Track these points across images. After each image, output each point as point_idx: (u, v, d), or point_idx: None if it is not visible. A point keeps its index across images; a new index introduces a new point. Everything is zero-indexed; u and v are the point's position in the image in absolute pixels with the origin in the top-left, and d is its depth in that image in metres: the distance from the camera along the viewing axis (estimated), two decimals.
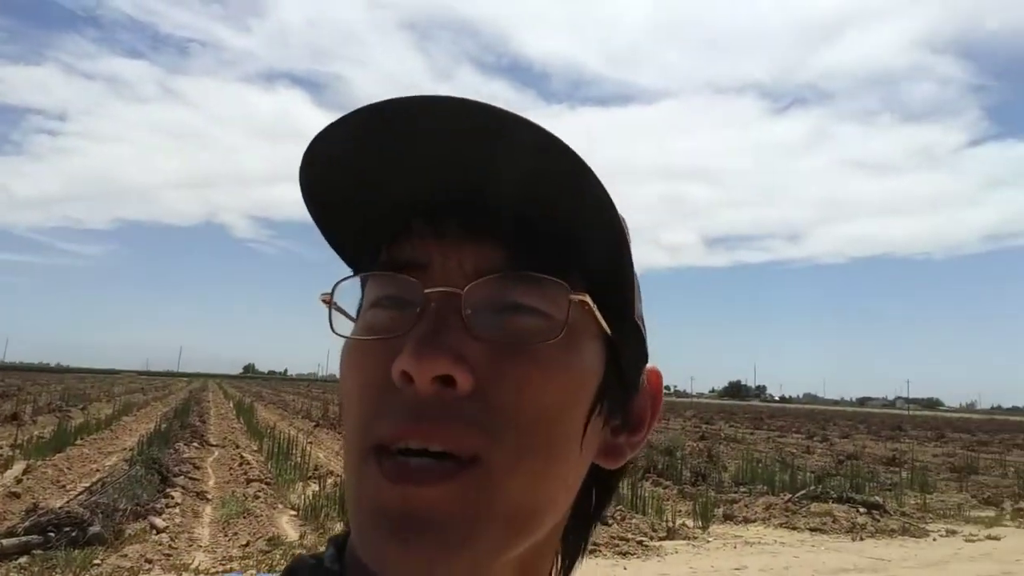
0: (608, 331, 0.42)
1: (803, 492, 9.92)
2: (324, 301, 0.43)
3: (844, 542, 7.88)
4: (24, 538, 5.76)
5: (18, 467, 10.00)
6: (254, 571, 5.59)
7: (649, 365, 0.49)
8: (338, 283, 0.43)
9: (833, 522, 8.62)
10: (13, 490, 8.34)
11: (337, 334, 0.42)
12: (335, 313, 0.43)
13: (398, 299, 0.40)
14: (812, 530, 8.35)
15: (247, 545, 6.36)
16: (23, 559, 5.54)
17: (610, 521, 7.82)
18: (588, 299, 0.40)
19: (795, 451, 18.36)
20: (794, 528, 8.44)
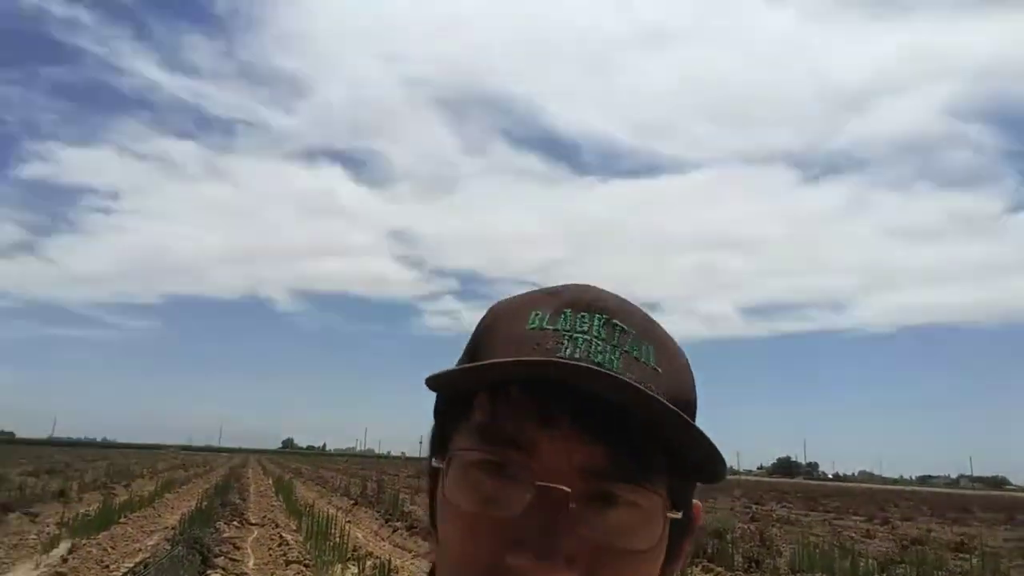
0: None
1: None
2: (436, 467, 0.49)
3: None
4: None
5: (64, 546, 10.07)
6: None
7: (695, 504, 0.54)
8: (461, 450, 0.47)
9: None
10: (59, 570, 8.38)
11: (450, 502, 0.47)
12: (447, 478, 0.47)
13: (504, 470, 0.45)
14: None
15: None
16: None
17: None
18: (678, 515, 0.47)
19: (854, 535, 17.36)
20: None
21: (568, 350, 0.46)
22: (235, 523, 12.77)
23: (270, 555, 10.05)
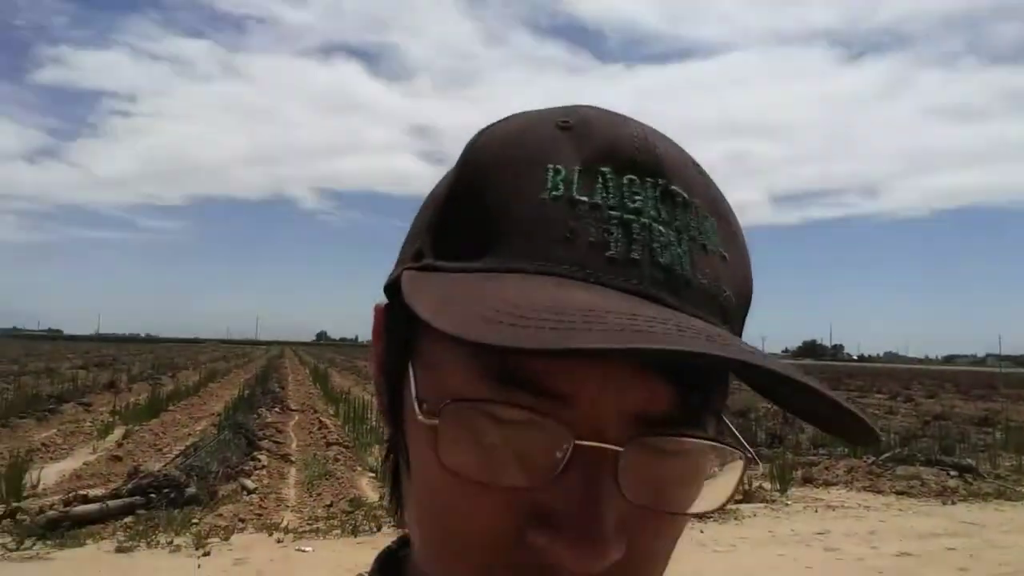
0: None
1: (888, 454, 9.57)
2: (431, 426, 0.32)
3: (934, 506, 7.58)
4: (128, 499, 6.16)
5: (118, 432, 10.69)
6: (339, 532, 5.81)
7: None
8: (446, 405, 0.31)
9: (921, 485, 8.29)
10: (115, 454, 8.93)
11: (449, 469, 0.31)
12: (445, 438, 0.31)
13: (529, 425, 0.31)
14: (898, 493, 8.06)
15: (331, 506, 6.62)
16: (128, 519, 5.93)
17: None
18: (747, 458, 0.34)
19: (877, 412, 17.72)
20: (879, 491, 8.16)
21: (622, 248, 0.32)
22: (276, 409, 13.40)
23: (311, 438, 10.58)
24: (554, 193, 0.33)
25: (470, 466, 0.31)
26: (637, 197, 0.33)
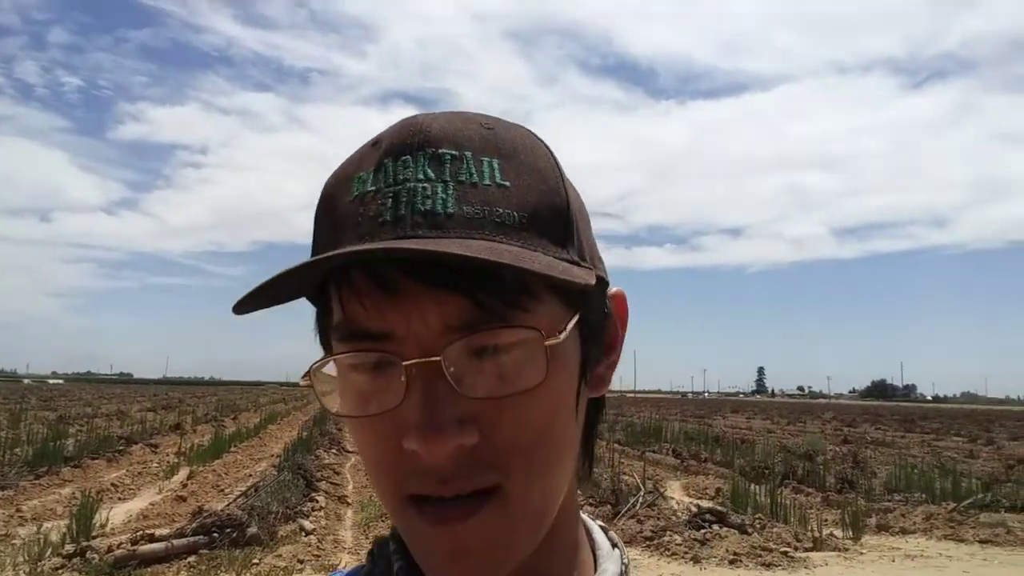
0: (578, 318, 0.43)
1: (970, 501, 9.00)
2: (306, 384, 0.43)
3: (1021, 555, 7.05)
4: (192, 539, 6.28)
5: (183, 472, 10.98)
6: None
7: (614, 290, 0.50)
8: (313, 366, 0.43)
9: (1007, 533, 7.74)
10: (180, 494, 9.16)
11: (333, 414, 0.44)
12: (321, 389, 0.43)
13: (376, 365, 0.41)
14: (982, 542, 7.54)
15: None
16: (191, 558, 6.04)
17: (750, 530, 7.43)
18: (564, 330, 0.41)
19: (956, 455, 16.72)
20: (961, 540, 7.65)
21: (391, 211, 0.40)
22: (333, 451, 13.54)
23: (366, 480, 10.61)
24: (354, 194, 0.43)
25: (346, 407, 0.42)
26: (407, 170, 0.42)
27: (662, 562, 6.61)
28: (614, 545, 0.54)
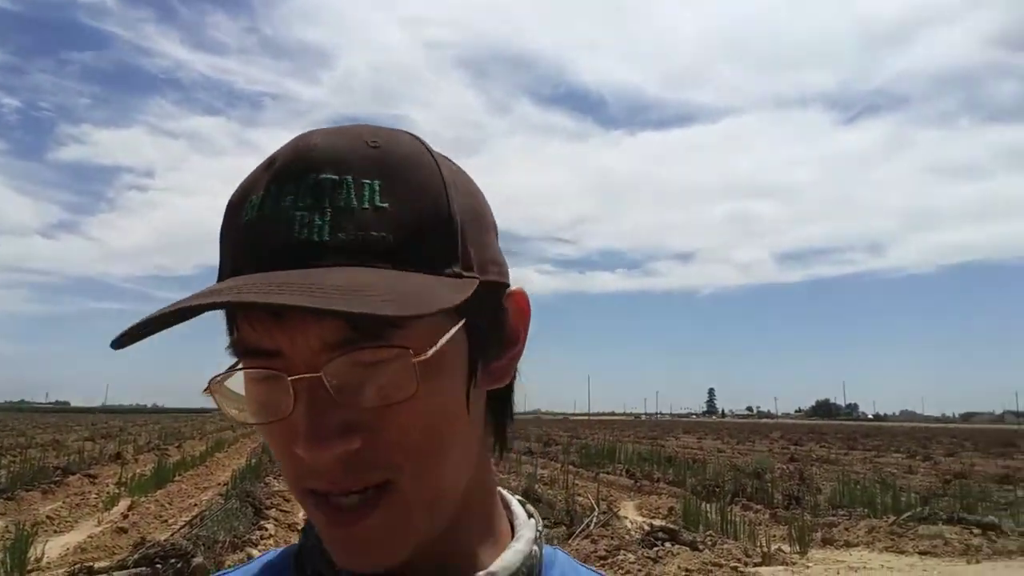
0: (463, 322, 0.46)
1: (909, 514, 9.32)
2: (206, 395, 0.47)
3: (959, 565, 7.34)
4: (133, 570, 6.05)
5: (123, 503, 10.55)
6: None
7: (512, 289, 0.53)
8: (213, 379, 0.46)
9: (945, 544, 8.04)
10: (120, 525, 8.80)
11: (236, 421, 0.49)
12: (222, 399, 0.47)
13: (268, 378, 0.45)
14: (922, 553, 7.81)
15: None
16: None
17: (701, 547, 7.55)
18: (436, 345, 0.43)
19: (896, 471, 17.31)
20: (902, 552, 7.91)
21: (273, 239, 0.43)
22: (283, 478, 13.19)
23: None
24: (245, 218, 0.45)
25: (246, 415, 0.46)
26: (288, 197, 0.44)
27: None
28: (530, 515, 0.58)
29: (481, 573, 0.51)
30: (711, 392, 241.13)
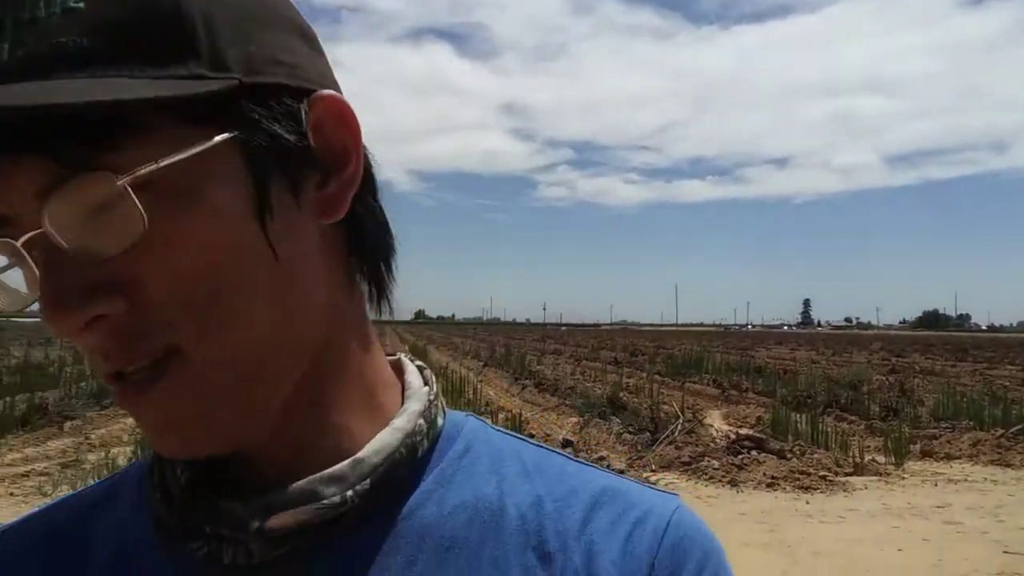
0: (224, 134, 0.36)
1: (1020, 427, 8.82)
2: None
3: None
4: None
5: None
6: None
7: (318, 93, 0.41)
8: None
9: None
10: None
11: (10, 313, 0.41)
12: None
13: (7, 252, 0.37)
14: None
15: None
16: None
17: (788, 455, 7.46)
18: (169, 158, 0.34)
19: (1008, 384, 16.33)
20: (1008, 465, 7.55)
21: None
22: None
23: None
24: None
25: (20, 300, 0.38)
26: None
27: (699, 485, 6.71)
28: (426, 382, 0.49)
29: (344, 463, 0.42)
30: (806, 303, 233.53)
